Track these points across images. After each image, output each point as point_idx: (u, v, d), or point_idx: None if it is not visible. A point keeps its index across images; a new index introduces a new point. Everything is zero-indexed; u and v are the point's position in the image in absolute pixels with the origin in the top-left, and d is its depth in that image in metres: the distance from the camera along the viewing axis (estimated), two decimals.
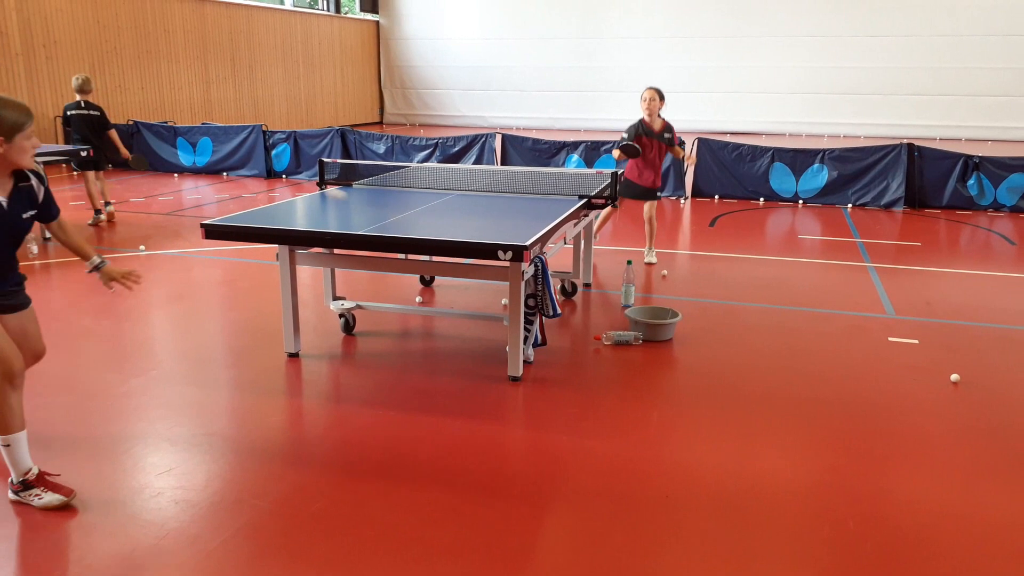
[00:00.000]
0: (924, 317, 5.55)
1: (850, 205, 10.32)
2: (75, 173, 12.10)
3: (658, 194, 7.00)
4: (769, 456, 3.52)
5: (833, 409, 4.02)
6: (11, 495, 3.11)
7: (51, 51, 14.03)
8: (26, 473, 3.09)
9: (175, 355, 4.74)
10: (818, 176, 10.48)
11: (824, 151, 10.53)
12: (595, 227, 7.10)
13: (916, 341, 5.04)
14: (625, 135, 6.71)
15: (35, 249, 7.20)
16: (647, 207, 6.97)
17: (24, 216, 3.06)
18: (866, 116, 21.05)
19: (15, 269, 3.16)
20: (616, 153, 6.58)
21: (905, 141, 10.42)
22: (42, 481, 3.11)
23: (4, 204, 2.98)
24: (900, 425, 3.84)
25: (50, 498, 3.07)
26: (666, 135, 6.79)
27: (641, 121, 6.78)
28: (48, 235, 7.69)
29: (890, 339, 5.08)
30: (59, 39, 14.17)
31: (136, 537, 2.86)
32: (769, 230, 8.96)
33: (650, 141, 6.78)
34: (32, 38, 13.65)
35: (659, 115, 6.81)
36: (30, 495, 3.08)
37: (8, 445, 3.06)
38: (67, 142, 13.32)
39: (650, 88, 6.79)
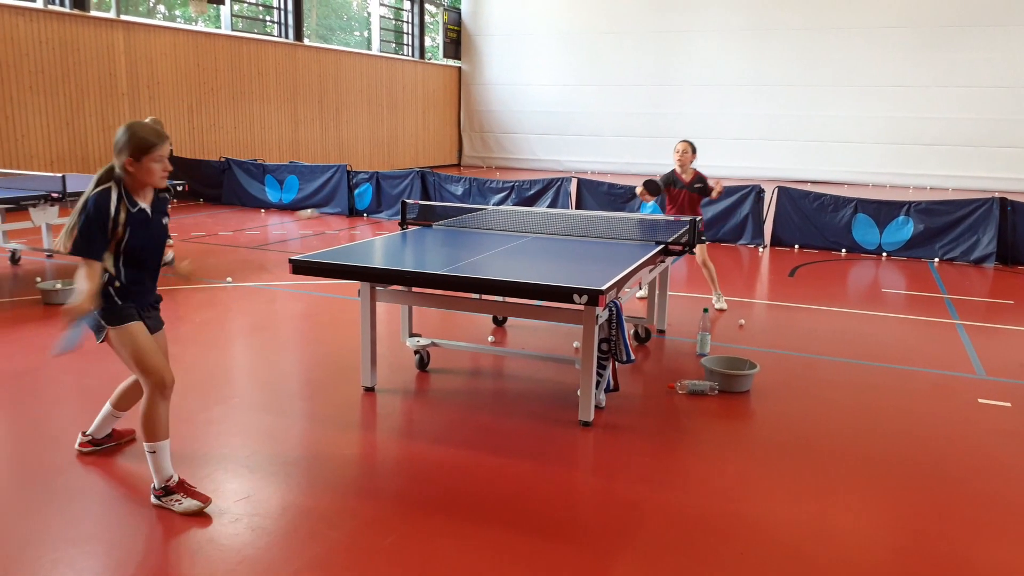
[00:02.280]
0: (1018, 379, 5.30)
1: (937, 259, 9.98)
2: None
3: (702, 237, 6.98)
4: (849, 517, 3.39)
5: (917, 471, 3.86)
6: (153, 500, 3.32)
7: (154, 91, 14.88)
8: (168, 480, 3.31)
9: (256, 384, 4.89)
10: (903, 228, 10.19)
11: (910, 203, 10.24)
12: None
13: (1008, 404, 4.81)
14: (659, 181, 6.81)
15: None
16: (698, 252, 6.93)
17: (164, 222, 3.38)
18: (954, 168, 20.42)
19: (155, 286, 3.44)
20: (639, 190, 6.62)
21: (996, 195, 10.06)
22: (182, 488, 3.33)
23: (148, 211, 3.27)
24: (989, 492, 3.66)
25: (189, 504, 3.29)
26: (696, 185, 6.83)
27: (672, 171, 6.88)
28: None
29: (980, 401, 4.86)
30: (162, 80, 15.03)
31: (215, 561, 2.95)
32: (851, 282, 8.73)
33: (679, 191, 6.85)
34: (137, 79, 14.53)
35: (691, 167, 6.87)
36: (171, 500, 3.29)
37: (154, 452, 3.30)
38: None
39: (683, 141, 6.93)
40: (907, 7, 20.31)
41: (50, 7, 13.02)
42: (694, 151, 6.88)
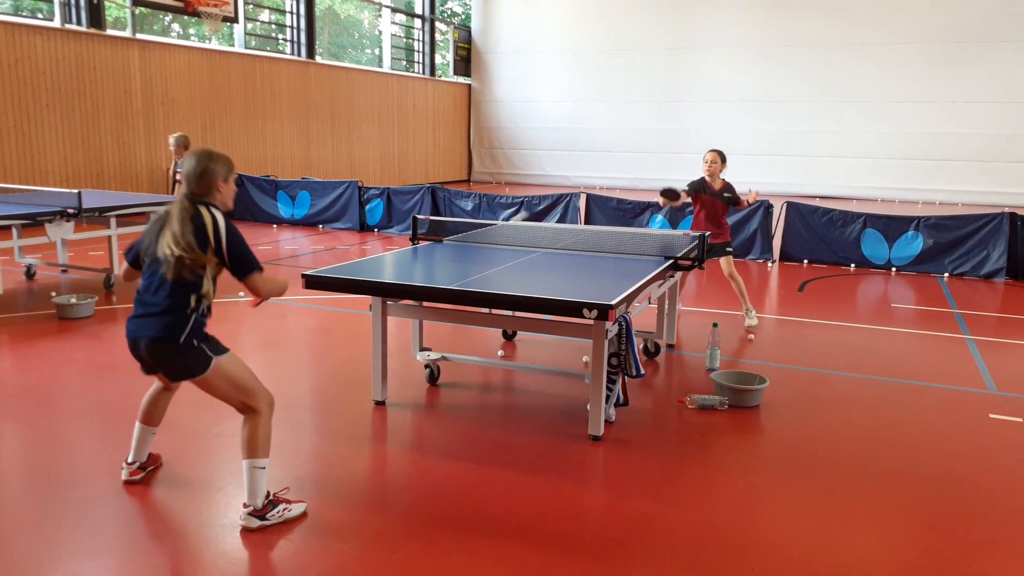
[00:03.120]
0: None
1: (947, 274, 9.95)
2: None
3: (727, 248, 6.95)
4: (860, 533, 3.39)
5: (929, 487, 3.85)
6: (255, 522, 3.28)
7: (168, 109, 15.06)
8: (268, 494, 3.34)
9: None
10: (912, 244, 10.18)
11: (919, 218, 10.23)
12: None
13: (1020, 419, 4.79)
14: (687, 187, 6.84)
15: None
16: (723, 264, 6.93)
17: None
18: (963, 183, 20.37)
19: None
20: (662, 200, 6.64)
21: (1006, 210, 10.04)
22: (279, 498, 3.39)
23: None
24: (1000, 508, 3.65)
25: (297, 508, 3.39)
26: (726, 195, 6.86)
27: (702, 179, 6.91)
28: None
29: (991, 416, 4.85)
30: (176, 98, 15.21)
31: (227, 574, 2.97)
32: (860, 297, 8.72)
33: (710, 199, 6.86)
34: (152, 97, 14.71)
35: (720, 177, 6.90)
36: (280, 512, 3.34)
37: (264, 468, 3.32)
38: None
39: (712, 151, 6.94)
40: (918, 24, 20.35)
41: (67, 26, 13.22)
42: (723, 161, 6.89)
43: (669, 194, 6.62)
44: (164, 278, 3.15)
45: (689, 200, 6.92)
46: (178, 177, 9.18)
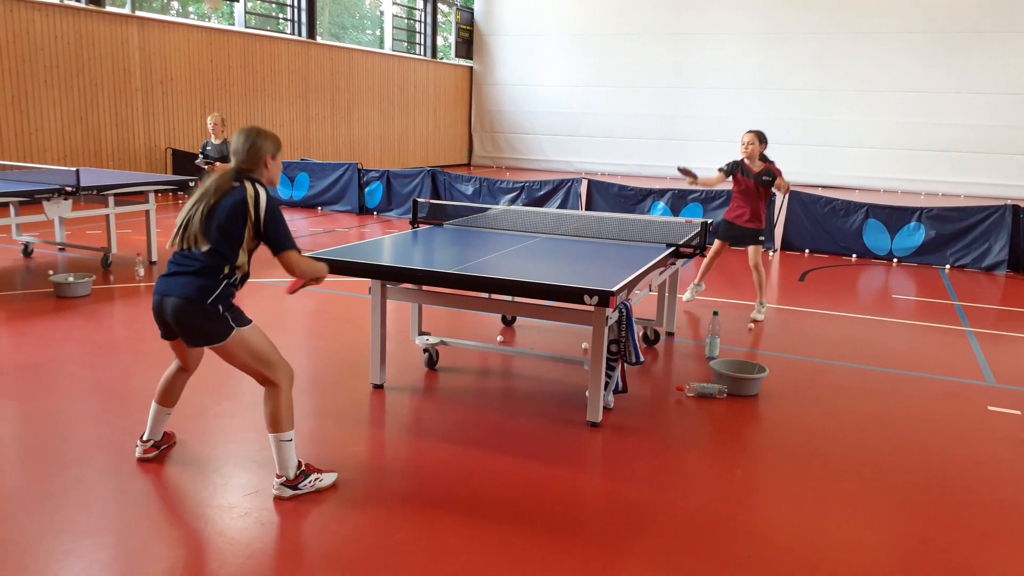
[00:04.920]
0: None
1: (948, 266, 9.94)
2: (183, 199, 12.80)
3: (760, 238, 6.74)
4: (856, 522, 3.39)
5: (925, 478, 3.85)
6: (287, 491, 3.35)
7: (167, 87, 14.96)
8: (299, 465, 3.40)
9: None
10: (914, 235, 10.15)
11: (922, 209, 10.20)
12: (701, 271, 7.07)
13: (1018, 412, 4.79)
14: (723, 168, 6.69)
15: (142, 272, 7.62)
16: (751, 252, 6.70)
17: None
18: (967, 175, 20.32)
19: None
20: (688, 180, 6.60)
21: (1009, 202, 10.00)
22: (311, 468, 3.44)
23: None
24: (997, 499, 3.65)
25: (328, 477, 3.46)
26: (765, 178, 6.58)
27: (740, 160, 6.68)
28: (154, 259, 8.13)
29: (989, 408, 4.85)
30: (175, 76, 15.10)
31: (224, 554, 2.97)
32: (861, 288, 8.70)
33: (745, 180, 6.65)
34: (151, 75, 14.60)
35: (761, 158, 6.63)
36: (312, 482, 3.40)
37: (290, 440, 3.37)
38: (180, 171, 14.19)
39: (749, 131, 6.65)
40: (923, 13, 20.22)
41: (66, 2, 13.10)
42: (763, 141, 6.56)
43: (685, 170, 6.54)
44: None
45: (728, 179, 6.69)
46: (206, 167, 9.24)
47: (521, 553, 3.04)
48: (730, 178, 6.73)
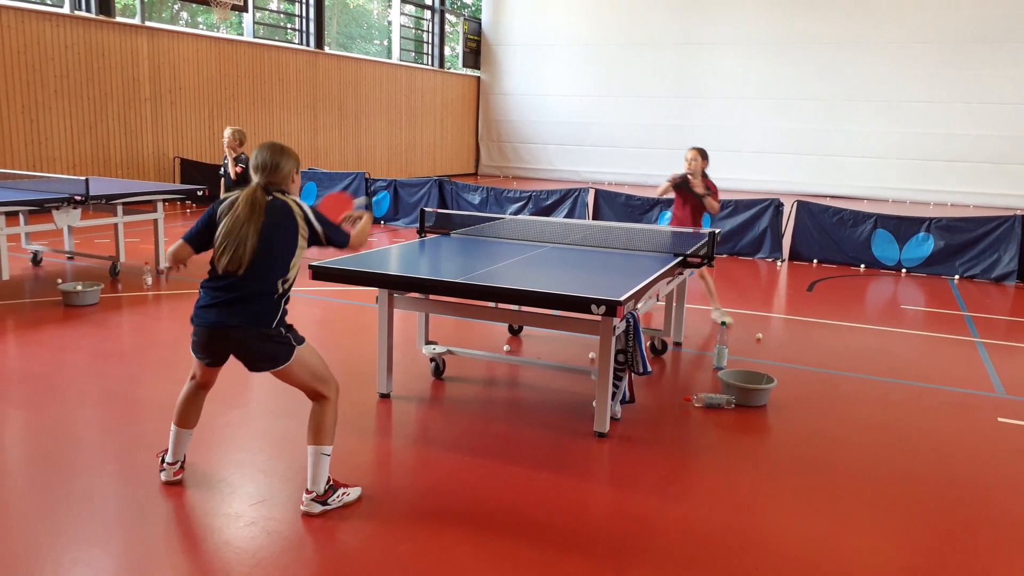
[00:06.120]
0: None
1: (957, 276, 9.89)
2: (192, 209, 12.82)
3: None
4: (865, 535, 3.36)
5: (935, 490, 3.82)
6: (317, 507, 3.33)
7: (176, 96, 15.04)
8: (328, 480, 3.38)
9: (273, 390, 4.91)
10: (923, 245, 10.11)
11: (930, 219, 10.16)
12: (712, 291, 7.09)
13: None
14: (669, 179, 6.89)
15: (150, 280, 7.64)
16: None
17: None
18: (975, 185, 20.25)
19: None
20: (664, 186, 6.78)
21: (1018, 212, 9.96)
22: (339, 483, 3.44)
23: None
24: (1007, 511, 3.61)
25: (354, 492, 3.47)
26: (704, 195, 6.80)
27: (685, 175, 6.86)
28: (162, 268, 8.16)
29: (999, 419, 4.81)
30: (184, 86, 15.19)
31: (230, 563, 2.96)
32: (870, 298, 8.67)
33: (690, 196, 6.85)
34: (160, 85, 14.69)
35: (703, 174, 6.82)
36: (341, 496, 3.40)
37: (328, 454, 3.37)
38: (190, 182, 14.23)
39: (691, 148, 6.87)
40: (931, 23, 20.21)
41: (76, 12, 13.21)
42: (704, 158, 6.80)
43: (678, 181, 6.75)
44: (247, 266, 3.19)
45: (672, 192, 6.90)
46: (234, 171, 8.84)
47: (527, 564, 3.02)
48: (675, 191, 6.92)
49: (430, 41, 24.28)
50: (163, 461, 3.60)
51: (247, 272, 3.17)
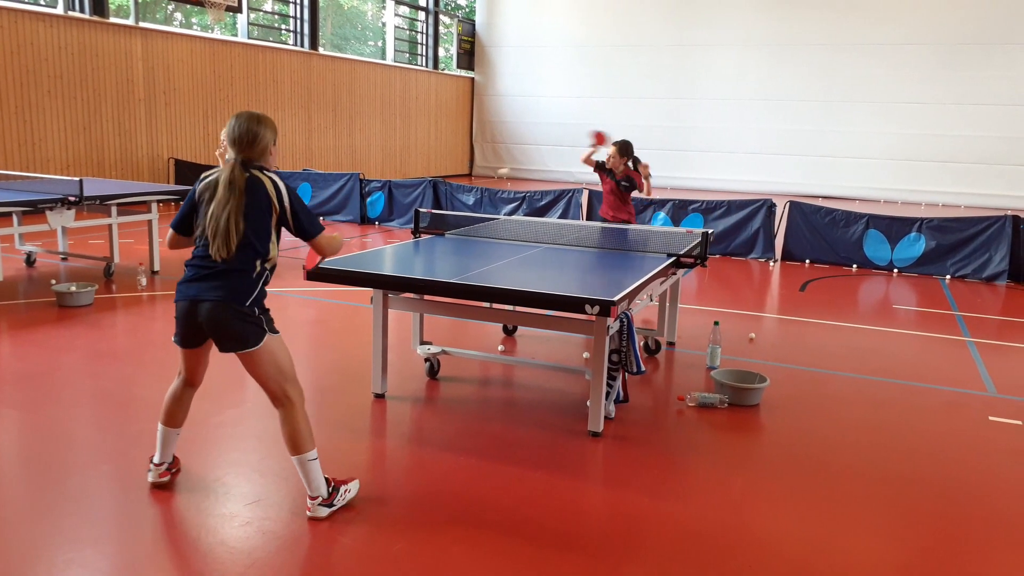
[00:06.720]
0: None
1: (948, 276, 9.94)
2: None
3: None
4: (856, 534, 3.39)
5: (926, 489, 3.85)
6: (323, 511, 3.28)
7: (170, 98, 15.02)
8: (328, 481, 3.33)
9: None
10: (915, 245, 10.16)
11: (922, 220, 10.21)
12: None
13: (1019, 422, 4.79)
14: (598, 160, 7.00)
15: (144, 281, 7.64)
16: None
17: None
18: (967, 186, 20.35)
19: None
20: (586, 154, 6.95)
21: (1009, 213, 10.02)
22: (338, 481, 3.39)
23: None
24: (999, 510, 3.65)
25: (354, 486, 3.44)
26: (623, 183, 6.89)
27: (607, 161, 6.95)
28: (156, 268, 8.15)
29: (991, 418, 4.85)
30: (178, 87, 15.17)
31: (225, 563, 2.97)
32: (862, 298, 8.71)
33: (609, 180, 6.96)
34: (154, 85, 14.67)
35: (624, 166, 6.89)
36: (343, 495, 3.35)
37: (314, 459, 3.29)
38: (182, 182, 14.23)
39: (614, 143, 6.95)
40: (925, 25, 20.30)
41: (70, 13, 13.18)
42: (623, 154, 6.86)
43: (596, 161, 6.89)
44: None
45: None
46: None
47: (522, 563, 3.04)
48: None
49: (424, 42, 24.29)
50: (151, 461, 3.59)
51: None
